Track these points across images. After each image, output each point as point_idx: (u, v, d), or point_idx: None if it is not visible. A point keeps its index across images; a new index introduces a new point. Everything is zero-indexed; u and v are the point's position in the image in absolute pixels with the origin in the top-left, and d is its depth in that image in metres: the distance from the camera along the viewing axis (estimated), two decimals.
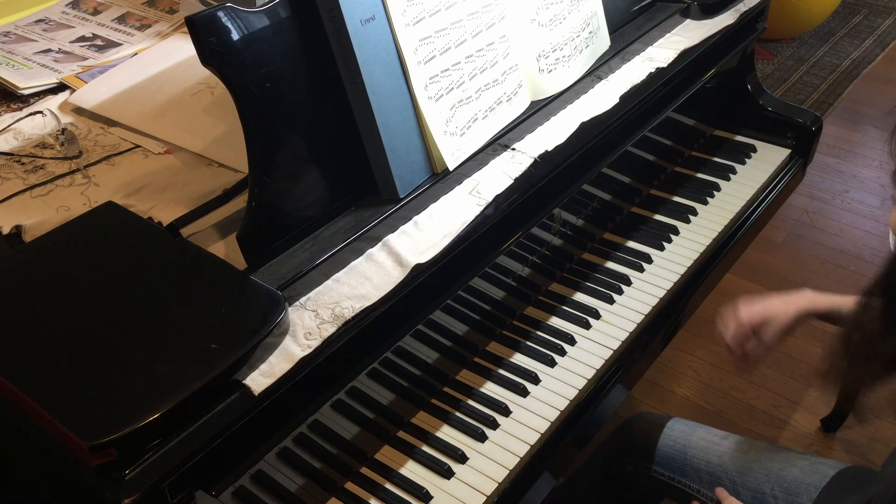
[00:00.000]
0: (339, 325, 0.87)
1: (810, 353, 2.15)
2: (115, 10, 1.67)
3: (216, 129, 1.22)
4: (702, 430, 1.29)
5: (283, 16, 0.92)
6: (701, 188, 1.57)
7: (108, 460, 0.72)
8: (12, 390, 0.75)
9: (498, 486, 1.04)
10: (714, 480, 1.23)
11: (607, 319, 1.28)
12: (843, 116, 3.20)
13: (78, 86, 1.38)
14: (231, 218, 1.04)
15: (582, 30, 1.27)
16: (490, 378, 1.18)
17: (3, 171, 1.18)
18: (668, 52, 1.34)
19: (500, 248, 1.17)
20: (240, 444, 0.86)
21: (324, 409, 0.99)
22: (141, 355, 0.79)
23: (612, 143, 1.31)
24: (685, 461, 1.26)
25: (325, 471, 1.02)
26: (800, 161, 1.69)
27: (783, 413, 2.00)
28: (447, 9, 1.05)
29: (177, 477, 0.76)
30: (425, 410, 1.14)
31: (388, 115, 0.99)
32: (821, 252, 2.52)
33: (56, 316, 0.84)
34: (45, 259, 0.92)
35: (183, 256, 0.92)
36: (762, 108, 1.70)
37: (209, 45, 0.85)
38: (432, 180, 1.06)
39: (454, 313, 1.15)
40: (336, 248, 0.96)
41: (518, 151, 1.11)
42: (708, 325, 2.22)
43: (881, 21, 3.88)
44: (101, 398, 0.75)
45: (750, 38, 1.61)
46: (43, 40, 1.56)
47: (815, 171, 2.85)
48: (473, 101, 1.10)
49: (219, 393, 0.80)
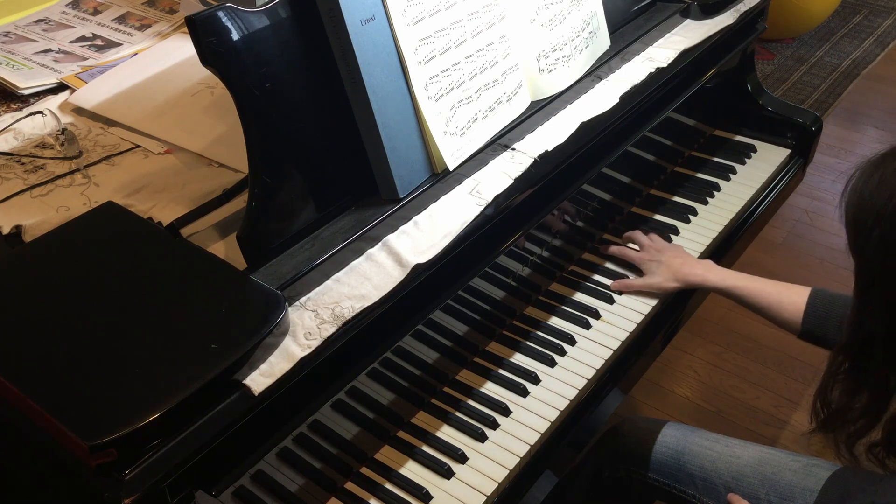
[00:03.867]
0: (339, 325, 0.87)
1: (810, 352, 2.15)
2: (115, 10, 1.67)
3: (216, 129, 1.22)
4: (695, 435, 1.29)
5: (282, 16, 0.92)
6: (701, 188, 1.57)
7: (108, 460, 0.72)
8: (12, 390, 0.75)
9: (498, 486, 1.04)
10: (708, 486, 1.23)
11: (607, 319, 1.28)
12: (843, 116, 3.20)
13: (78, 86, 1.38)
14: (231, 218, 1.04)
15: (582, 30, 1.27)
16: (490, 378, 1.18)
17: (3, 171, 1.18)
18: (668, 52, 1.34)
19: (500, 248, 1.17)
20: (240, 444, 0.86)
21: (324, 409, 0.99)
22: (141, 355, 0.79)
23: (612, 143, 1.31)
24: (679, 467, 1.26)
25: (325, 471, 1.02)
26: (800, 161, 1.69)
27: (783, 413, 2.00)
28: (447, 9, 1.05)
29: (177, 477, 0.76)
30: (425, 410, 1.14)
31: (388, 115, 0.99)
32: (821, 252, 2.52)
33: (56, 316, 0.84)
34: (45, 259, 0.92)
35: (183, 256, 0.91)
36: (762, 108, 1.70)
37: (209, 45, 0.85)
38: (432, 180, 1.06)
39: (454, 313, 1.15)
40: (336, 248, 0.96)
41: (518, 151, 1.11)
42: (708, 325, 2.23)
43: (881, 21, 3.88)
44: (101, 398, 0.75)
45: (750, 38, 1.61)
46: (43, 40, 1.56)
47: (815, 171, 2.85)
48: (473, 101, 1.10)
49: (219, 393, 0.80)
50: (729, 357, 2.16)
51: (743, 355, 2.16)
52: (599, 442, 1.37)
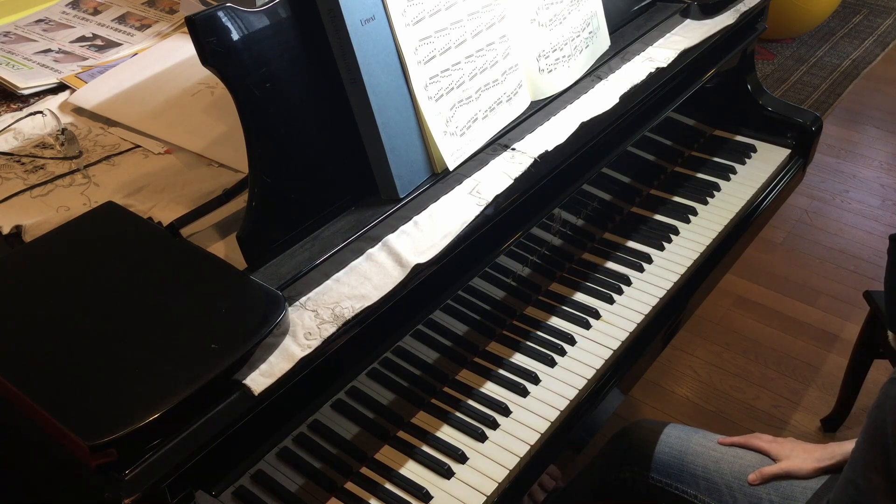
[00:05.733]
0: (339, 325, 0.87)
1: (810, 352, 2.16)
2: (115, 10, 1.67)
3: (216, 129, 1.22)
4: (698, 436, 1.29)
5: (282, 16, 0.92)
6: (701, 188, 1.57)
7: (108, 460, 0.72)
8: (13, 390, 0.75)
9: (498, 486, 1.04)
10: (711, 486, 1.23)
11: (607, 319, 1.28)
12: (843, 116, 3.20)
13: (78, 86, 1.38)
14: (231, 218, 1.04)
15: (582, 30, 1.27)
16: (490, 378, 1.18)
17: (3, 171, 1.18)
18: (668, 52, 1.34)
19: (500, 248, 1.17)
20: (240, 444, 0.86)
21: (324, 409, 0.99)
22: (141, 355, 0.79)
23: (612, 143, 1.31)
24: (682, 467, 1.26)
25: (325, 471, 1.02)
26: (800, 161, 1.69)
27: (783, 413, 2.00)
28: (447, 9, 1.05)
29: (177, 477, 0.76)
30: (425, 410, 1.14)
31: (388, 115, 0.99)
32: (821, 252, 2.52)
33: (56, 316, 0.84)
34: (45, 259, 0.92)
35: (183, 256, 0.91)
36: (762, 108, 1.70)
37: (209, 45, 0.85)
38: (432, 180, 1.06)
39: (454, 313, 1.15)
40: (336, 248, 0.96)
41: (518, 151, 1.11)
42: (708, 325, 2.23)
43: (881, 21, 3.89)
44: (101, 398, 0.75)
45: (750, 38, 1.61)
46: (43, 40, 1.56)
47: (815, 171, 2.85)
48: (473, 101, 1.10)
49: (219, 393, 0.80)
50: (729, 357, 2.16)
51: (743, 355, 2.16)
52: (607, 445, 1.37)
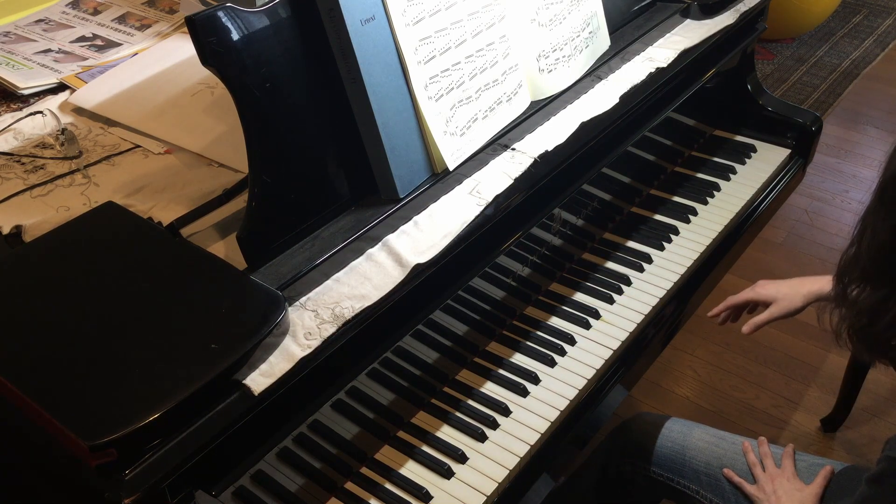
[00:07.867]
0: (339, 325, 0.87)
1: (810, 353, 2.16)
2: (115, 10, 1.67)
3: (216, 129, 1.22)
4: (700, 431, 1.29)
5: (282, 16, 0.92)
6: (701, 188, 1.57)
7: (108, 460, 0.72)
8: (12, 390, 0.75)
9: (498, 486, 1.04)
10: (713, 482, 1.23)
11: (607, 319, 1.28)
12: (843, 116, 3.20)
13: (78, 86, 1.38)
14: (231, 218, 1.04)
15: (582, 30, 1.27)
16: (490, 378, 1.18)
17: (3, 171, 1.18)
18: (668, 52, 1.34)
19: (500, 248, 1.17)
20: (240, 444, 0.86)
21: (324, 409, 0.99)
22: (141, 355, 0.79)
23: (612, 143, 1.31)
24: (684, 462, 1.26)
25: (325, 471, 1.02)
26: (800, 161, 1.69)
27: (783, 413, 2.00)
28: (447, 9, 1.05)
29: (177, 477, 0.76)
30: (425, 410, 1.14)
31: (388, 115, 0.99)
32: (821, 252, 2.52)
33: (56, 316, 0.84)
34: (45, 259, 0.92)
35: (183, 256, 0.91)
36: (762, 108, 1.70)
37: (209, 45, 0.85)
38: (432, 180, 1.06)
39: (454, 313, 1.15)
40: (336, 248, 0.96)
41: (518, 151, 1.11)
42: (708, 325, 2.23)
43: (881, 21, 3.88)
44: (101, 398, 0.75)
45: (750, 38, 1.61)
46: (43, 40, 1.56)
47: (815, 171, 2.85)
48: (473, 101, 1.10)
49: (219, 393, 0.80)
50: (729, 357, 2.16)
51: (743, 355, 2.16)
52: (608, 438, 1.37)
